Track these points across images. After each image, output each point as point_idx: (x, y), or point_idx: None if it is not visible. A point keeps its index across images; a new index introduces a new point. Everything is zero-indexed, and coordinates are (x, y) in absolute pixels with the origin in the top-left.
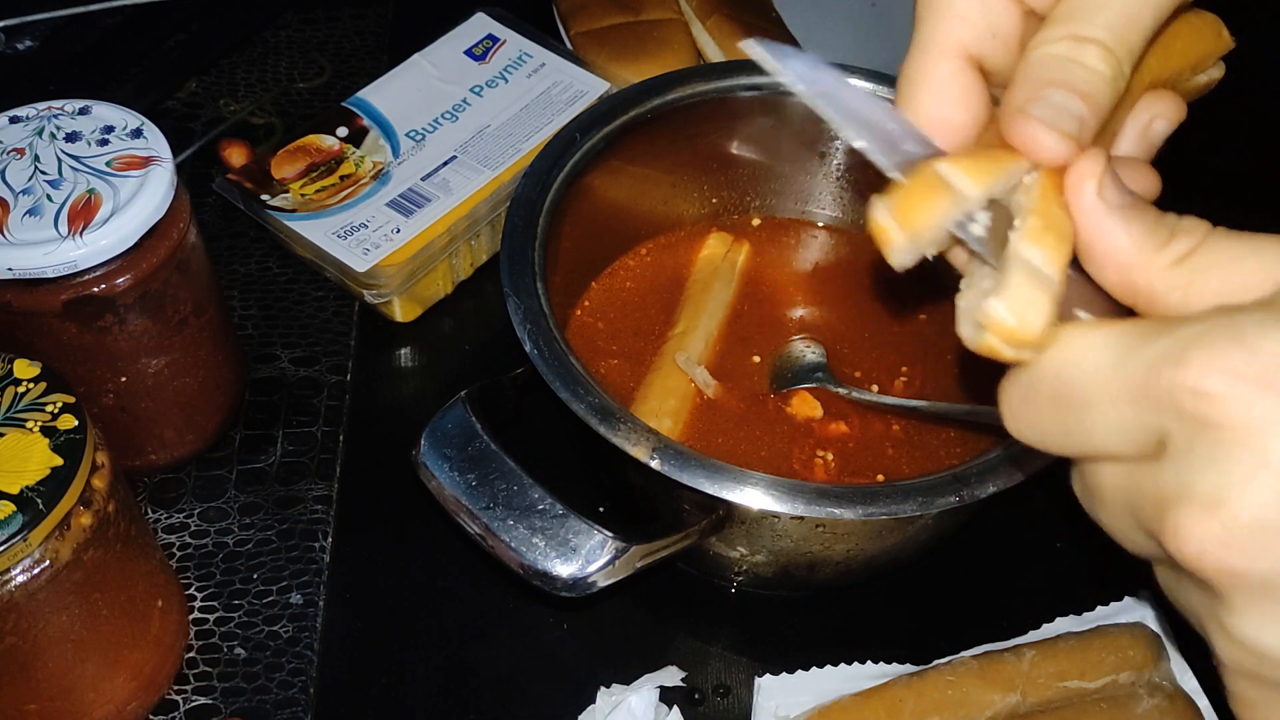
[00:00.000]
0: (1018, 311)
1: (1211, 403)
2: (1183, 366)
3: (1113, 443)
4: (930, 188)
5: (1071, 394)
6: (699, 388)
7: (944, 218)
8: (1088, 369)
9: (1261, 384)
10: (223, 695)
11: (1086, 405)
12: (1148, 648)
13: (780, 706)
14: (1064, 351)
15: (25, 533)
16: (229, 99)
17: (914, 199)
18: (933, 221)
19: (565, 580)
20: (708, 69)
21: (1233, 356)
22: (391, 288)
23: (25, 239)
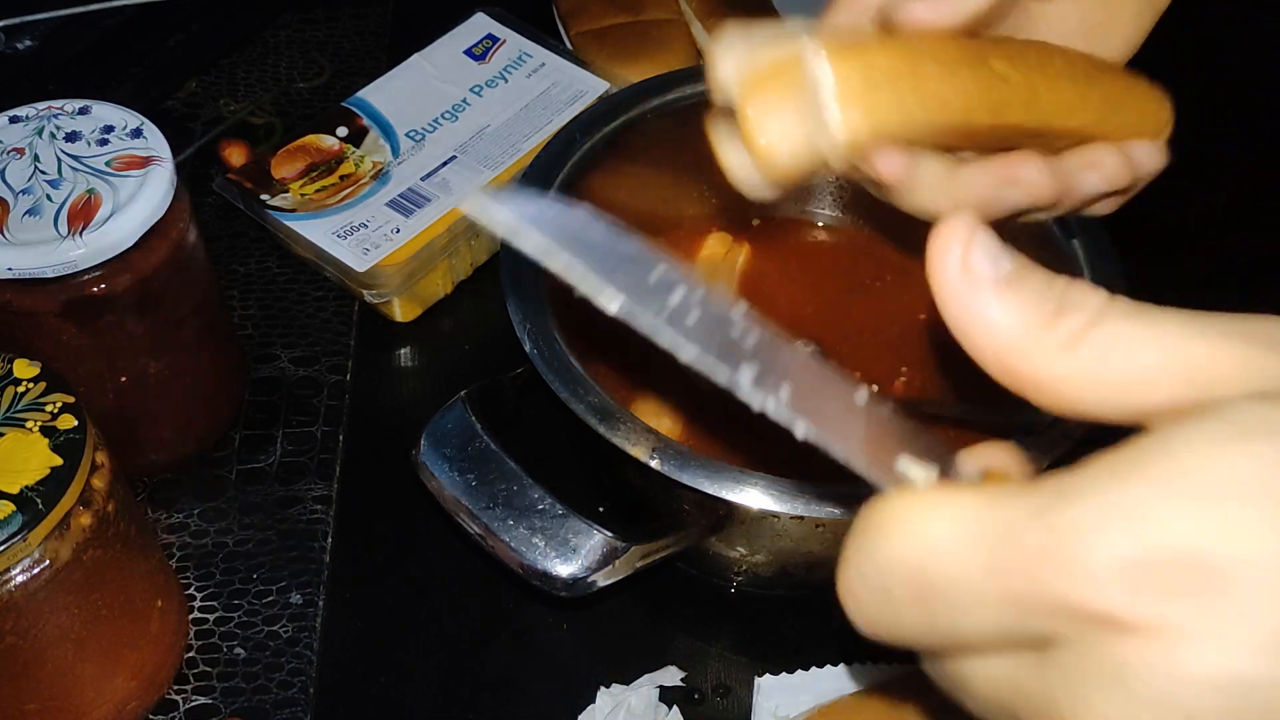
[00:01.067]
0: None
1: (1107, 618)
2: (1068, 574)
3: (986, 641)
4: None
5: (933, 590)
6: None
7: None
8: (950, 563)
9: (1165, 589)
10: (222, 695)
11: (952, 604)
12: None
13: (780, 706)
14: (918, 539)
15: (25, 533)
16: (229, 99)
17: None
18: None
19: (565, 580)
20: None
21: (1127, 559)
22: (391, 288)
23: (25, 239)
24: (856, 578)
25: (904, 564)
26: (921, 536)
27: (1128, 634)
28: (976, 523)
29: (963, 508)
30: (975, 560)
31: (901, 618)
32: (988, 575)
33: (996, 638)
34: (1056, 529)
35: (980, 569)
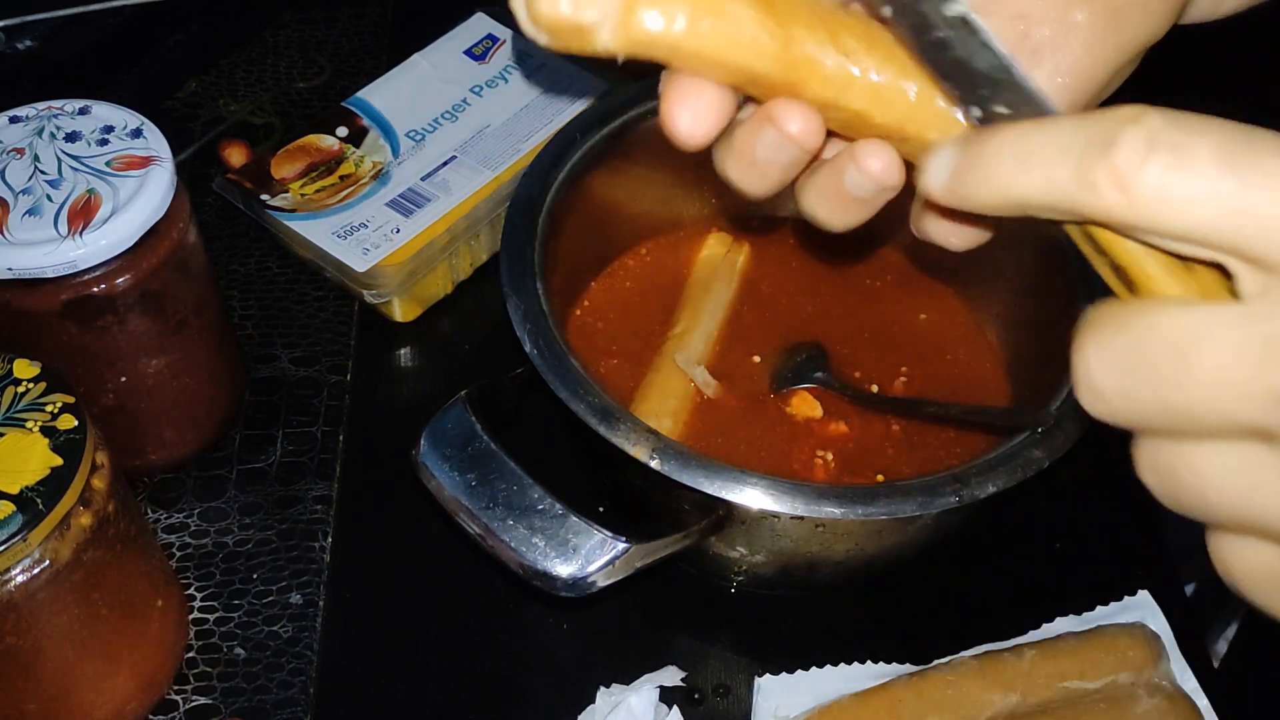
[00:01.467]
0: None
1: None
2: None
3: (1223, 429)
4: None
5: (1190, 369)
6: (699, 388)
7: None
8: (1219, 347)
9: None
10: (222, 695)
11: (1206, 387)
12: (1147, 648)
13: (780, 706)
14: (1190, 320)
15: (25, 533)
16: (229, 99)
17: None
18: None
19: (565, 580)
20: None
21: None
22: (391, 288)
23: (25, 239)
24: (1105, 345)
25: (1167, 338)
26: (1194, 320)
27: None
28: (1252, 321)
29: (1236, 309)
30: (1247, 351)
31: (1141, 391)
32: (1256, 368)
33: (1236, 427)
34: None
35: (1249, 362)
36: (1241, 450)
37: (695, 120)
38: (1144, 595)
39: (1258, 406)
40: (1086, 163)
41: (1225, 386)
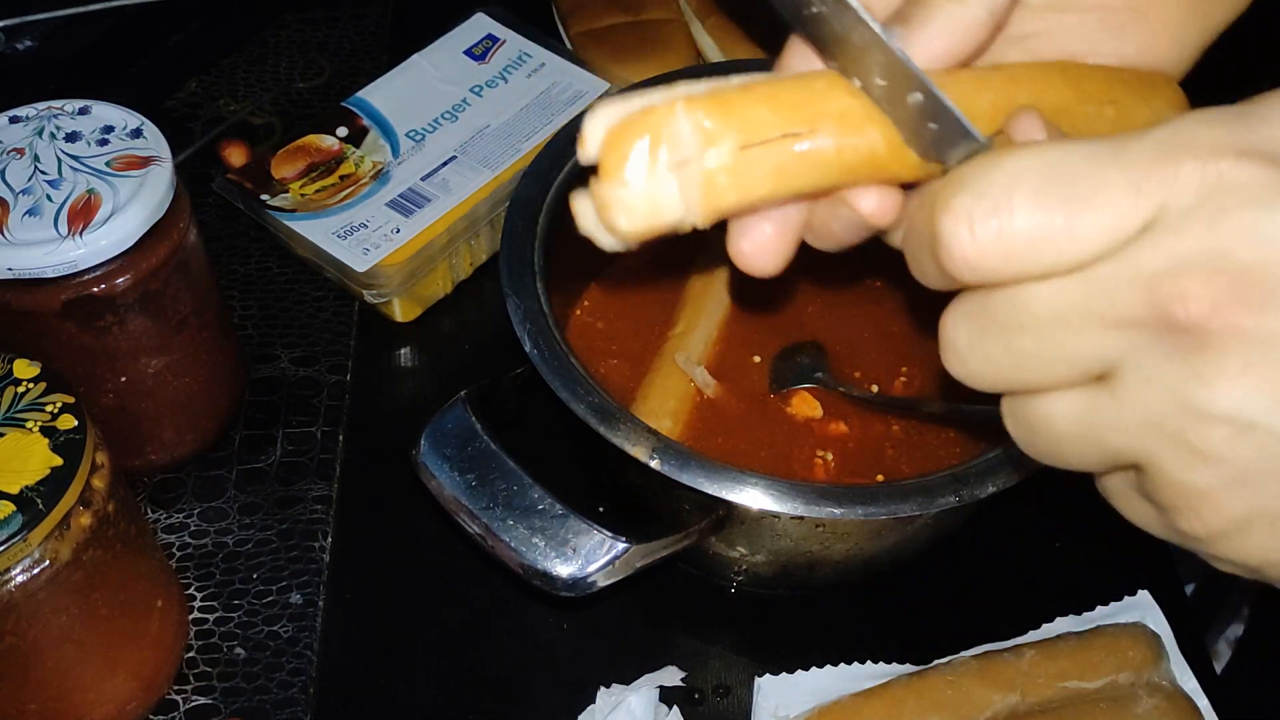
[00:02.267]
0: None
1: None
2: (1178, 294)
3: (1062, 378)
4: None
5: (1029, 323)
6: (699, 388)
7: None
8: (1051, 289)
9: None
10: (222, 695)
11: (1043, 328)
12: (1147, 648)
13: (780, 706)
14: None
15: (25, 533)
16: (229, 99)
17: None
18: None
19: (565, 580)
20: (708, 69)
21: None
22: (391, 288)
23: (25, 239)
24: (962, 310)
25: (1009, 295)
26: (1030, 281)
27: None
28: (1079, 275)
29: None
30: (1075, 294)
31: (991, 347)
32: (1086, 306)
33: (1075, 369)
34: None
35: (1079, 302)
36: (1081, 395)
37: (765, 249)
38: (1144, 595)
39: (1088, 342)
40: (935, 259)
41: (1058, 329)
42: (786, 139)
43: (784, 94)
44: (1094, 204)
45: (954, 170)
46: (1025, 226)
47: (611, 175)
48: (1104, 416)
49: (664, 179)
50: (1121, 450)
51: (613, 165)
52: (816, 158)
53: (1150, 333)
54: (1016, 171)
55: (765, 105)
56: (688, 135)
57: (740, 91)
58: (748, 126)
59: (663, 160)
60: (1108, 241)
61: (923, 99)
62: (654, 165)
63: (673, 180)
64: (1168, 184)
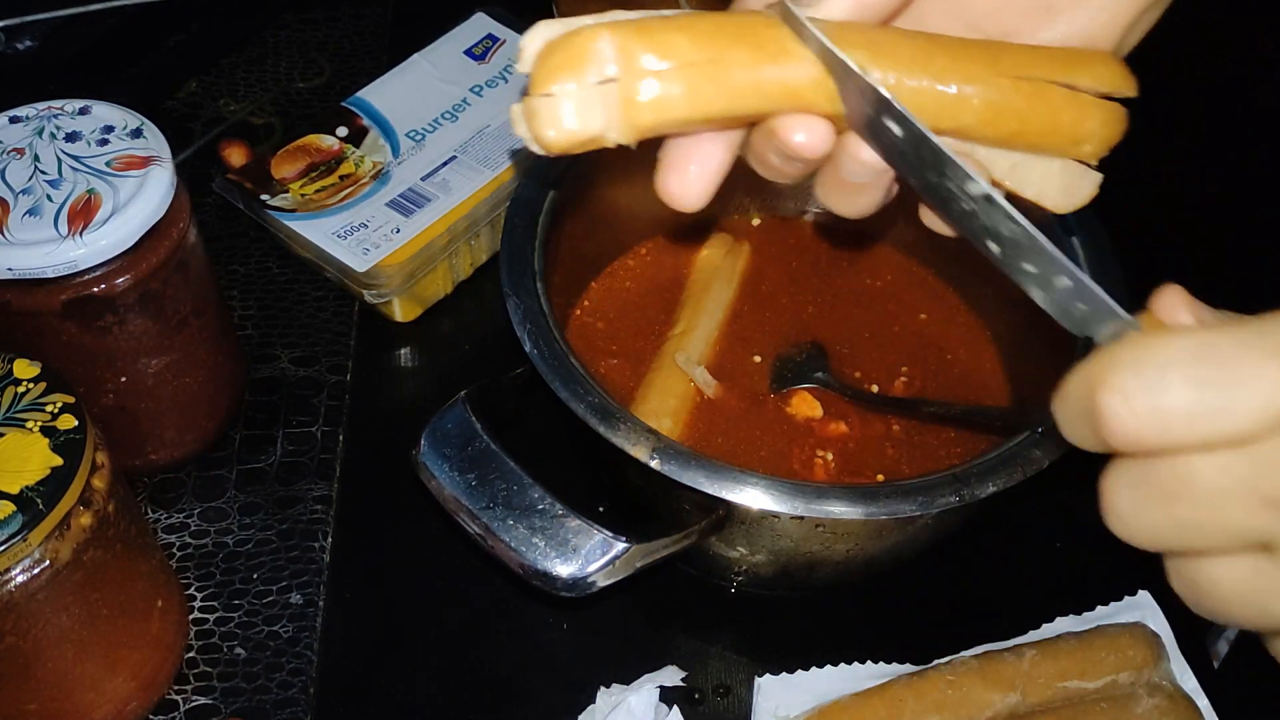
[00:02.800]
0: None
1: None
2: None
3: (1230, 544)
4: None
5: (1189, 489)
6: (699, 388)
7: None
8: (1212, 463)
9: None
10: (223, 695)
11: (1203, 502)
12: (1148, 648)
13: (780, 706)
14: (1188, 453)
15: (25, 533)
16: (229, 99)
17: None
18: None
19: (565, 580)
20: None
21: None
22: (391, 288)
23: (25, 239)
24: (1122, 475)
25: (1171, 466)
26: (1191, 450)
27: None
28: (1238, 450)
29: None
30: (1236, 470)
31: (1154, 514)
32: (1246, 483)
33: (1237, 540)
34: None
35: (1239, 478)
36: (1247, 562)
37: (689, 185)
38: (1144, 595)
39: (1251, 517)
40: (1094, 429)
41: (1221, 502)
42: (700, 64)
43: (704, 23)
44: (1245, 383)
45: (1108, 348)
46: (1183, 402)
47: (540, 88)
48: (1270, 585)
49: (587, 95)
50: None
51: (541, 79)
52: (730, 83)
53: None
54: (1170, 351)
55: (684, 33)
56: (609, 56)
57: (664, 20)
58: (664, 50)
59: (586, 78)
60: (1262, 421)
61: (1070, 284)
62: (578, 82)
63: (595, 97)
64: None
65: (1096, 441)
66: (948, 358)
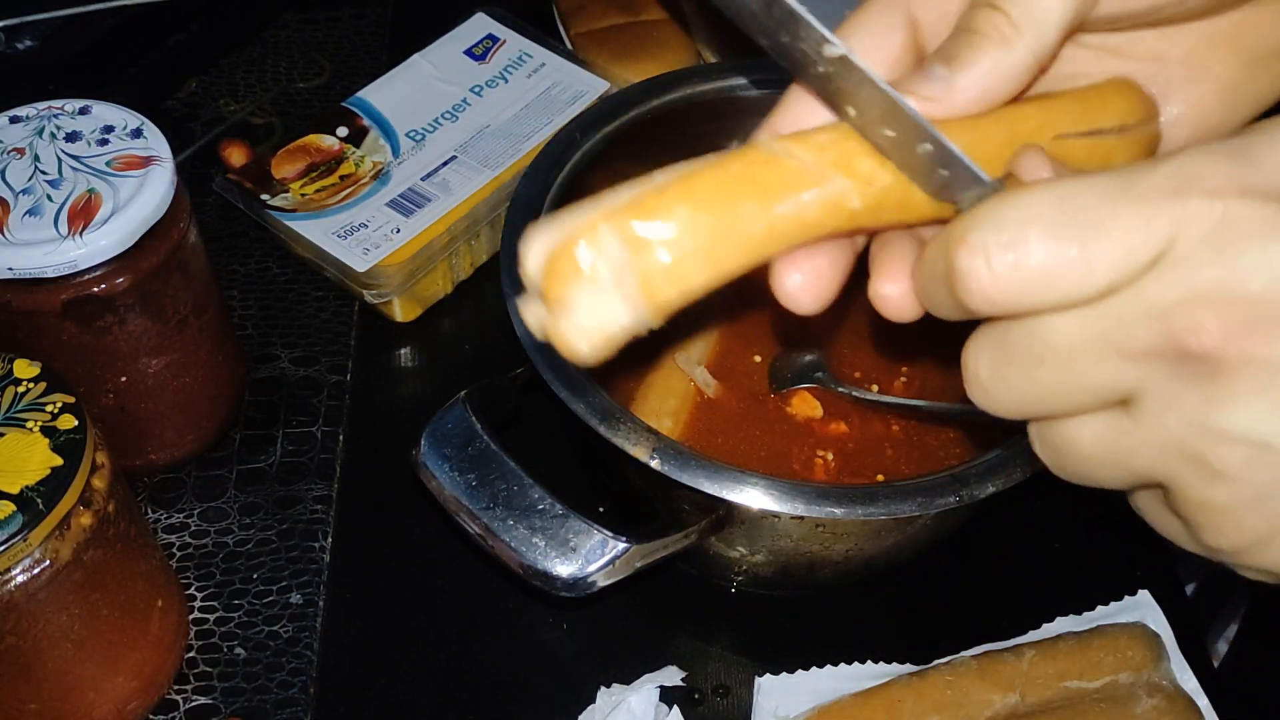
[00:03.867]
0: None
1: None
2: (1189, 327)
3: (1084, 404)
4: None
5: (1048, 354)
6: (699, 388)
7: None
8: (1069, 321)
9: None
10: (223, 695)
11: (1063, 361)
12: (1147, 648)
13: (780, 706)
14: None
15: (25, 532)
16: (229, 99)
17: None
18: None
19: (565, 580)
20: (708, 69)
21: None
22: (391, 288)
23: (25, 239)
24: (982, 343)
25: (1028, 328)
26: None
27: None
28: (1094, 307)
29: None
30: (1092, 325)
31: (1013, 378)
32: (1105, 338)
33: (1095, 397)
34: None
35: (1097, 333)
36: (1104, 419)
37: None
38: (1144, 595)
39: (1108, 372)
40: (951, 292)
41: (1077, 359)
42: (706, 230)
43: (700, 184)
44: (1106, 236)
45: (968, 210)
46: (1041, 258)
47: (557, 307)
48: (1127, 440)
49: (606, 297)
50: (1146, 471)
51: (553, 294)
52: (743, 239)
53: (1166, 362)
54: (1030, 207)
55: (682, 201)
56: (614, 247)
57: (658, 191)
58: (667, 227)
59: (600, 281)
60: (1121, 273)
61: (931, 148)
62: (591, 284)
63: (615, 295)
64: (1176, 219)
65: (955, 306)
66: (948, 358)
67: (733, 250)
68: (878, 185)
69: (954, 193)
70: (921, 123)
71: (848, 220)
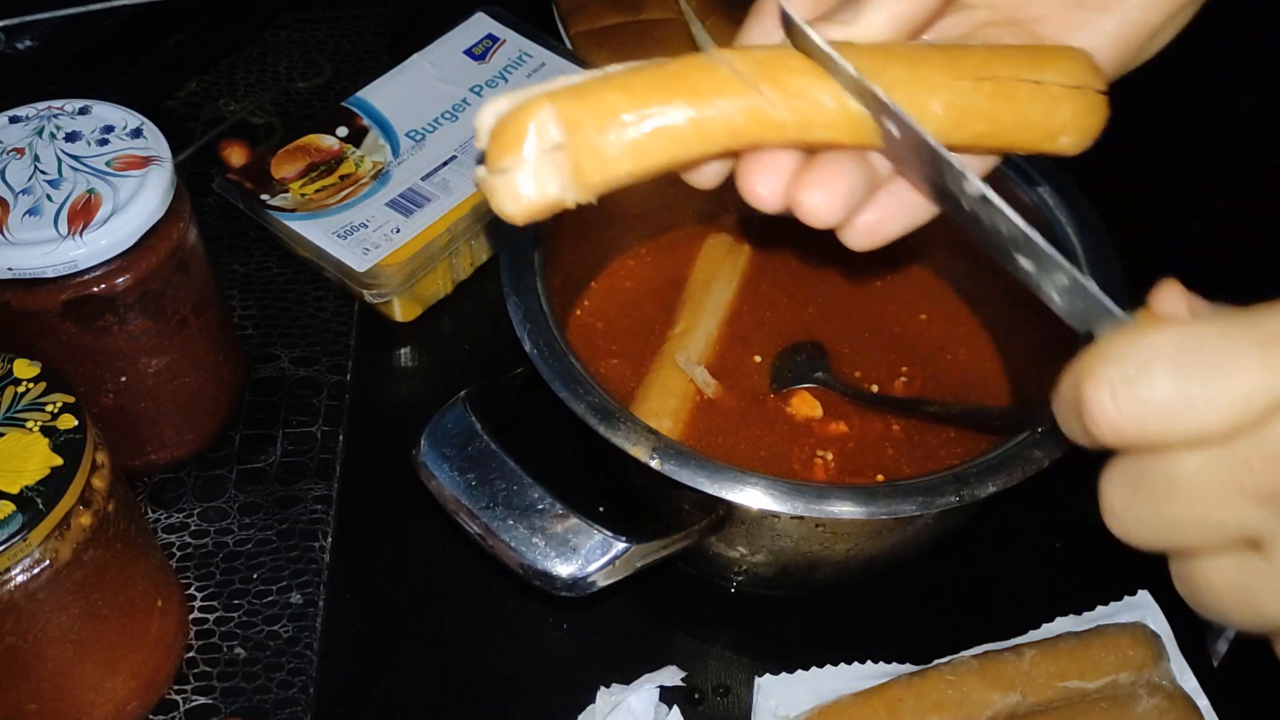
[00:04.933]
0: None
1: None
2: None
3: (1217, 543)
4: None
5: (1177, 490)
6: (699, 388)
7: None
8: (1194, 460)
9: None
10: (222, 695)
11: (1188, 499)
12: (1148, 648)
13: (780, 706)
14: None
15: (25, 532)
16: (229, 99)
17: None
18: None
19: (565, 580)
20: None
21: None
22: (391, 287)
23: (25, 239)
24: (1115, 475)
25: (1158, 464)
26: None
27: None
28: (1219, 449)
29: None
30: (1218, 468)
31: (1145, 512)
32: (1228, 481)
33: (1224, 537)
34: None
35: (1221, 476)
36: (1238, 560)
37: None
38: (1144, 595)
39: (1235, 513)
40: (1081, 422)
41: (1205, 498)
42: (638, 119)
43: (641, 77)
44: (1227, 375)
45: (1100, 342)
46: (1162, 394)
47: (494, 165)
48: (1259, 582)
49: (538, 166)
50: (1276, 615)
51: (494, 156)
52: (670, 133)
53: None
54: (1155, 343)
55: (620, 91)
56: (552, 125)
57: (603, 79)
58: (602, 111)
59: (534, 149)
60: (1244, 415)
61: (1067, 281)
62: (527, 154)
63: (546, 165)
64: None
65: (1087, 437)
66: (948, 358)
67: (659, 144)
68: (806, 101)
69: (1091, 323)
70: (1056, 258)
71: (775, 131)
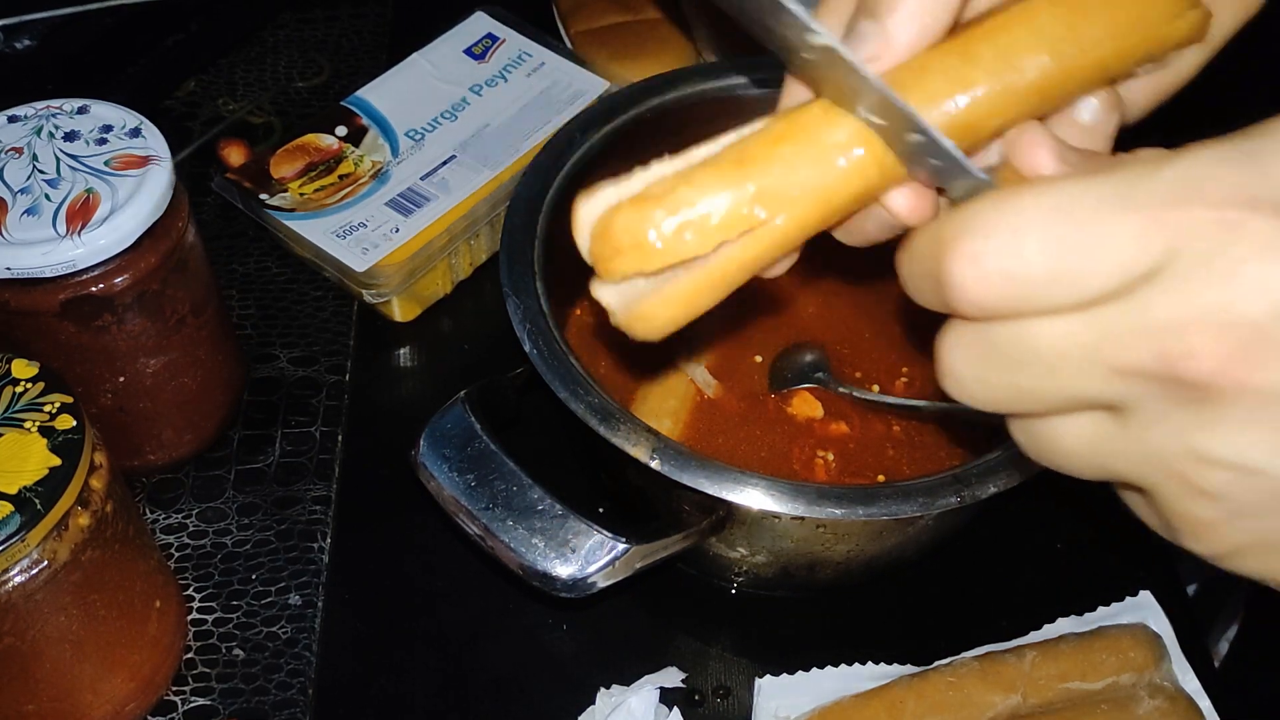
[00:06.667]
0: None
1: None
2: (1183, 348)
3: (1070, 404)
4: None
5: (1033, 359)
6: (699, 388)
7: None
8: (1057, 329)
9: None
10: (221, 696)
11: (1052, 373)
12: (1149, 649)
13: (780, 707)
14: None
15: (23, 533)
16: (228, 98)
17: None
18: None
19: (565, 581)
20: (708, 69)
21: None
22: (390, 287)
23: (23, 238)
24: (961, 339)
25: (1013, 332)
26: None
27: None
28: (1085, 315)
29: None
30: (1083, 336)
31: (995, 379)
32: (1095, 349)
33: (1079, 403)
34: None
35: (1086, 344)
36: (1088, 421)
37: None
38: (1145, 595)
39: (1094, 385)
40: (938, 291)
41: (1063, 368)
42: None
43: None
44: (1102, 247)
45: (960, 208)
46: (1033, 270)
47: (608, 274)
48: (1109, 445)
49: (666, 276)
50: (1126, 476)
51: (604, 295)
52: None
53: (1156, 383)
54: (1024, 214)
55: (725, 189)
56: (671, 231)
57: (692, 172)
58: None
59: (653, 266)
60: (1114, 285)
61: (921, 138)
62: (644, 272)
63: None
64: (1177, 231)
65: (940, 303)
66: None
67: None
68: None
69: (947, 181)
70: (910, 113)
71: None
